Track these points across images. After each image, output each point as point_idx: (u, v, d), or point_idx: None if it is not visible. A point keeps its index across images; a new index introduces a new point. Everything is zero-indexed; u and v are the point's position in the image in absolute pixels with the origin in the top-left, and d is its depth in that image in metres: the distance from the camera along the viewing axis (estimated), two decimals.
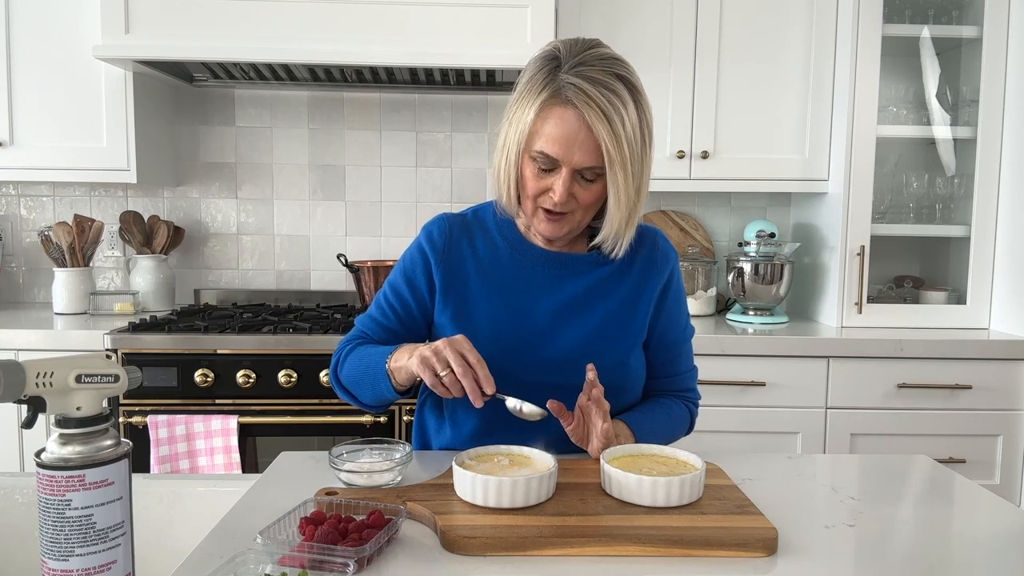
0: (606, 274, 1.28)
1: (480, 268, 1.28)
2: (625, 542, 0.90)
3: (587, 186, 1.16)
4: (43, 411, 0.75)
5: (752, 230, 2.59)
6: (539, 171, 1.15)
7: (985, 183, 2.41)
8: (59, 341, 2.18)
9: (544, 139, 1.12)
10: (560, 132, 1.11)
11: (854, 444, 2.28)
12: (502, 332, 1.24)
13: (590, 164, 1.12)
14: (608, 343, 1.26)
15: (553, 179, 1.15)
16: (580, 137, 1.11)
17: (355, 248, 2.81)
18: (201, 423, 2.07)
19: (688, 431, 1.39)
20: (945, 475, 1.22)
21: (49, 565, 0.76)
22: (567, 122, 1.11)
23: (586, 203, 1.17)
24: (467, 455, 1.08)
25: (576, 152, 1.12)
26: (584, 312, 1.26)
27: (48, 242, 2.55)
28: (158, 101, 2.60)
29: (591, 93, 1.09)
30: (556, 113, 1.11)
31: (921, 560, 0.91)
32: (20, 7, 2.35)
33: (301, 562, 0.82)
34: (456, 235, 1.30)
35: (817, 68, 2.47)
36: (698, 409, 1.40)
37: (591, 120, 1.09)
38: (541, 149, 1.13)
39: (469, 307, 1.26)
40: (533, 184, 1.17)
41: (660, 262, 1.31)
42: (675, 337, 1.35)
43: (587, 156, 1.12)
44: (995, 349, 2.25)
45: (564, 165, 1.13)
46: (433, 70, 2.40)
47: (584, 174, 1.14)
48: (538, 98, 1.12)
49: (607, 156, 1.11)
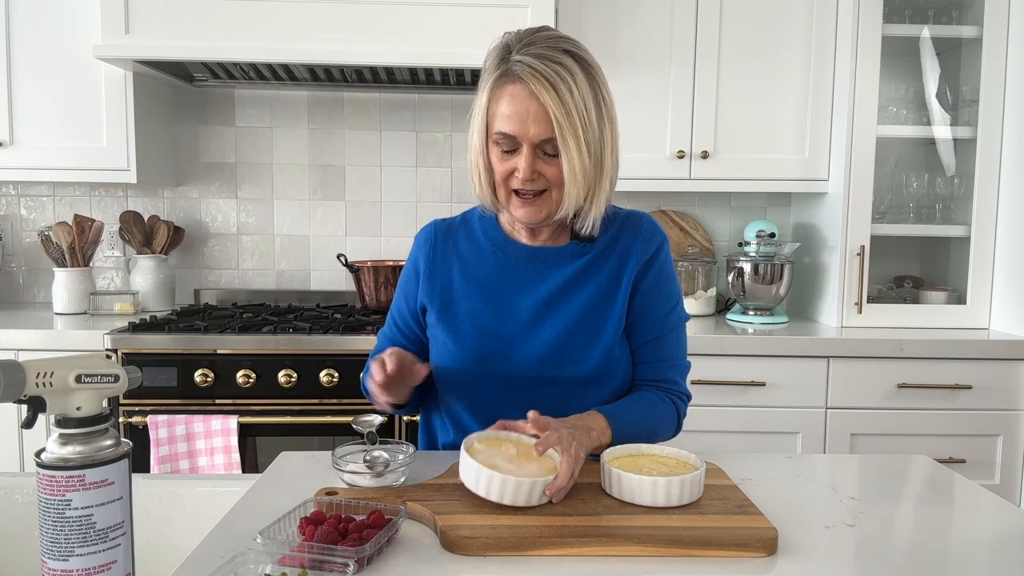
0: (585, 263, 1.28)
1: (463, 269, 1.30)
2: (625, 542, 0.90)
3: (550, 161, 1.17)
4: (43, 411, 0.75)
5: (752, 230, 2.59)
6: (503, 154, 1.18)
7: (985, 183, 2.41)
8: (59, 341, 2.18)
9: (500, 119, 1.15)
10: (513, 109, 1.14)
11: (854, 444, 2.28)
12: (484, 329, 1.26)
13: (546, 136, 1.14)
14: (589, 332, 1.25)
15: (517, 159, 1.17)
16: (532, 110, 1.13)
17: (355, 248, 2.81)
18: (201, 423, 2.07)
19: (676, 430, 1.32)
20: (945, 475, 1.22)
21: (49, 565, 0.76)
22: (517, 98, 1.14)
23: (555, 179, 1.18)
24: (477, 438, 1.08)
25: (531, 126, 1.13)
26: (564, 304, 1.26)
27: (48, 242, 2.55)
28: (158, 101, 2.60)
29: (536, 66, 1.12)
30: (507, 91, 1.15)
31: (921, 560, 0.91)
32: (20, 7, 2.35)
33: (301, 562, 0.82)
34: (441, 240, 1.33)
35: (817, 68, 2.47)
36: (686, 407, 1.33)
37: (538, 91, 1.12)
38: (499, 129, 1.16)
39: (453, 307, 1.29)
40: (500, 168, 1.19)
41: (640, 244, 1.29)
42: (653, 320, 1.29)
43: (541, 128, 1.13)
44: (995, 349, 2.25)
45: (523, 141, 1.15)
46: (433, 70, 2.40)
47: (545, 148, 1.15)
48: (489, 80, 1.17)
49: (556, 125, 1.12)
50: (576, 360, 1.24)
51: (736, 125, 2.49)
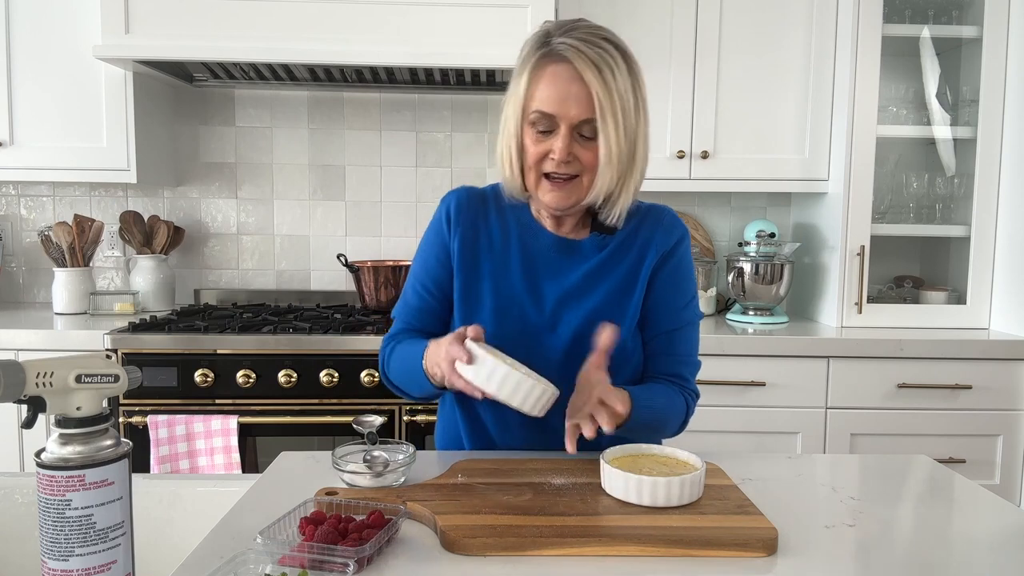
0: (607, 255, 1.27)
1: (491, 247, 1.28)
2: (625, 542, 0.90)
3: (587, 144, 1.16)
4: (43, 411, 0.75)
5: (752, 230, 2.59)
6: (538, 134, 1.17)
7: (985, 183, 2.41)
8: (59, 341, 2.18)
9: (540, 99, 1.15)
10: (554, 88, 1.14)
11: (854, 444, 2.28)
12: (506, 315, 1.25)
13: (586, 116, 1.14)
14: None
15: (553, 140, 1.16)
16: (573, 90, 1.13)
17: (355, 248, 2.81)
18: (201, 423, 2.07)
19: (681, 427, 1.31)
20: (945, 475, 1.22)
21: (49, 565, 0.76)
22: (560, 77, 1.14)
23: (589, 164, 1.17)
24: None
25: (571, 106, 1.13)
26: (586, 296, 1.25)
27: (48, 242, 2.55)
28: (158, 101, 2.60)
29: (581, 47, 1.13)
30: (549, 71, 1.15)
31: (921, 560, 0.91)
32: (20, 7, 2.35)
33: (301, 562, 0.82)
34: (473, 210, 1.30)
35: (817, 68, 2.47)
36: (695, 405, 1.32)
37: (582, 70, 1.12)
38: (537, 108, 1.15)
39: (478, 286, 1.27)
40: (534, 150, 1.18)
41: (660, 236, 1.28)
42: (668, 312, 1.28)
43: (581, 108, 1.13)
44: (995, 349, 2.25)
45: (561, 121, 1.14)
46: (433, 70, 2.40)
47: (582, 130, 1.15)
48: (531, 61, 1.17)
49: (598, 106, 1.12)
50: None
51: (736, 125, 2.49)
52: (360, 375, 2.14)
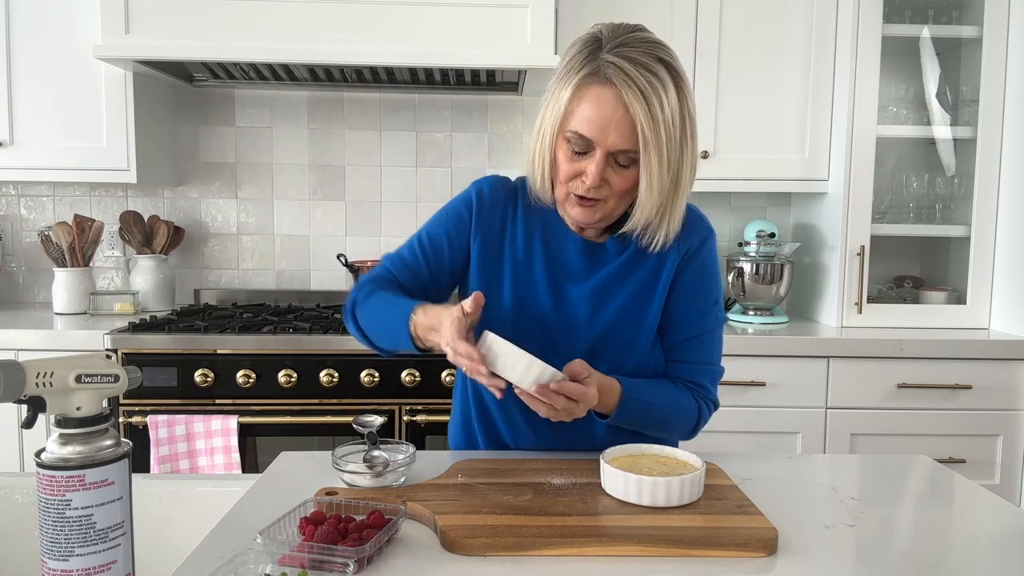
0: (627, 258, 1.23)
1: (514, 245, 1.25)
2: (625, 542, 0.90)
3: (621, 172, 1.12)
4: (43, 411, 0.75)
5: (752, 230, 2.59)
6: (572, 154, 1.12)
7: (985, 183, 2.41)
8: (59, 341, 2.18)
9: (579, 119, 1.09)
10: (596, 112, 1.08)
11: (854, 444, 2.28)
12: (526, 315, 1.22)
13: (625, 147, 1.08)
14: (626, 332, 1.22)
15: (586, 163, 1.11)
16: (616, 117, 1.07)
17: (355, 248, 2.81)
18: (201, 423, 2.07)
19: (692, 432, 1.27)
20: (945, 475, 1.22)
21: (49, 565, 0.76)
22: (604, 101, 1.07)
23: (620, 190, 1.13)
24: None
25: (612, 133, 1.08)
26: (606, 298, 1.23)
27: (48, 242, 2.55)
28: (158, 101, 2.60)
29: (631, 72, 1.06)
30: (593, 92, 1.08)
31: (921, 560, 0.91)
32: (20, 7, 2.35)
33: (301, 562, 0.82)
34: (502, 202, 1.27)
35: (817, 68, 2.47)
36: (710, 414, 1.27)
37: (629, 100, 1.06)
38: (576, 129, 1.10)
39: (499, 283, 1.24)
40: (566, 167, 1.13)
41: (684, 236, 1.22)
42: (690, 319, 1.24)
43: (622, 138, 1.08)
44: (995, 349, 2.25)
45: (598, 147, 1.09)
46: (433, 70, 2.40)
47: (618, 158, 1.10)
48: (576, 76, 1.09)
49: (642, 138, 1.07)
50: (614, 355, 1.21)
51: (736, 125, 2.49)
52: (360, 375, 2.14)
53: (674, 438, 1.29)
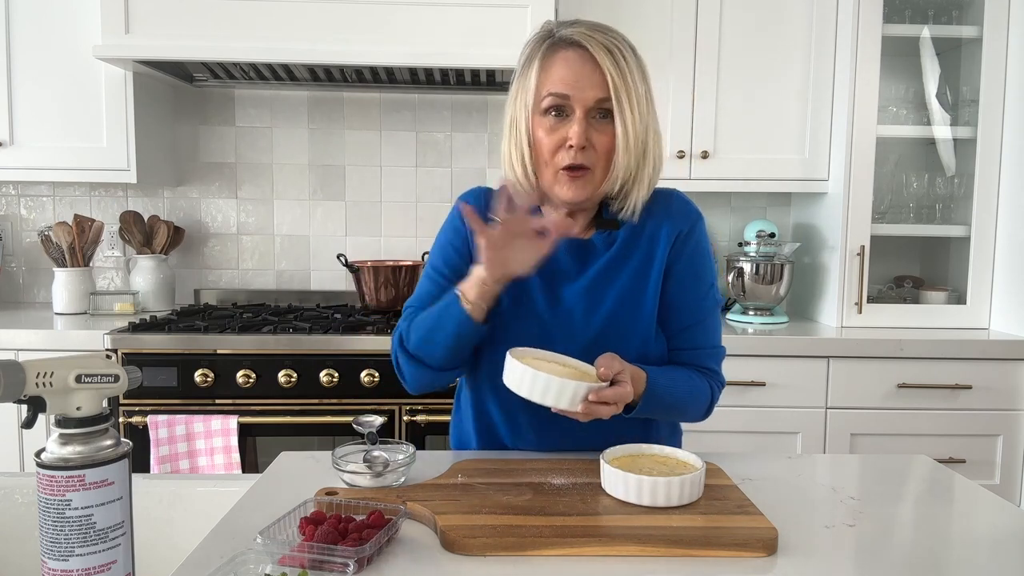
0: (616, 250, 1.24)
1: None
2: (625, 542, 0.90)
3: (601, 128, 1.16)
4: (43, 411, 0.75)
5: (752, 230, 2.59)
6: (553, 122, 1.17)
7: (985, 183, 2.41)
8: (59, 341, 2.18)
9: (552, 82, 1.16)
10: (568, 70, 1.15)
11: (854, 444, 2.28)
12: (524, 320, 1.23)
13: (600, 96, 1.14)
14: (625, 323, 1.22)
15: (568, 126, 1.16)
16: (587, 71, 1.14)
17: (355, 248, 2.81)
18: (201, 423, 2.07)
19: (706, 413, 1.29)
20: (945, 475, 1.22)
21: (49, 565, 0.76)
22: (571, 60, 1.16)
23: (603, 150, 1.16)
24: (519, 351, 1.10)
25: (586, 87, 1.14)
26: (601, 294, 1.23)
27: (48, 242, 2.55)
28: (158, 101, 2.60)
29: (592, 33, 1.16)
30: (560, 56, 1.17)
31: (921, 560, 0.91)
32: (20, 7, 2.35)
33: (301, 562, 0.82)
34: (485, 210, 1.25)
35: (817, 68, 2.47)
36: (720, 393, 1.29)
37: (596, 53, 1.14)
38: (551, 90, 1.16)
39: None
40: (549, 140, 1.17)
41: (671, 223, 1.24)
42: (689, 306, 1.25)
43: (597, 89, 1.14)
44: (995, 349, 2.25)
45: (576, 104, 1.15)
46: (433, 70, 2.40)
47: (596, 114, 1.16)
48: (538, 53, 1.18)
49: (613, 87, 1.13)
50: (615, 347, 1.19)
51: (736, 125, 2.49)
52: (360, 375, 2.14)
53: (688, 421, 1.30)
